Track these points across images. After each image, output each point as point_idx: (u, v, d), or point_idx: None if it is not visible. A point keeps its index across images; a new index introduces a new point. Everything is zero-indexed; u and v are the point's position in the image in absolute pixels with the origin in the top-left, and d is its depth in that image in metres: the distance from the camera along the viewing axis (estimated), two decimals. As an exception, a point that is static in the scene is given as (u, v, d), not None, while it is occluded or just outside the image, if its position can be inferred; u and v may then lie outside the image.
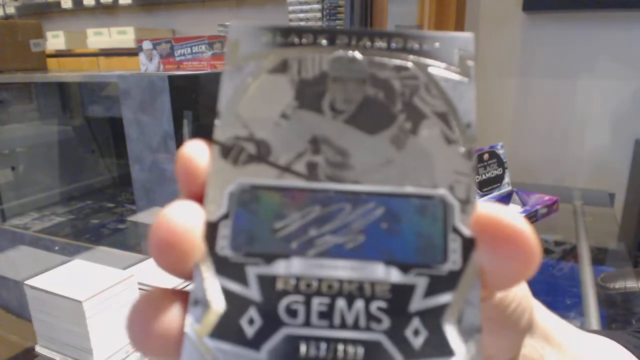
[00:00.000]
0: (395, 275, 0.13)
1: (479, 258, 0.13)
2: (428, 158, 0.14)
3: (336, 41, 0.15)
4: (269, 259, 0.13)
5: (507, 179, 1.27)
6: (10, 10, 3.11)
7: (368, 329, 0.12)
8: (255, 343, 0.12)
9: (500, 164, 1.26)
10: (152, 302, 0.13)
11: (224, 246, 0.13)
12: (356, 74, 0.14)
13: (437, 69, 0.14)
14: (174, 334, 0.12)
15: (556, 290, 0.91)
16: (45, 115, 1.81)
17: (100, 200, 1.86)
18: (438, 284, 0.13)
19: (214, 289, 0.12)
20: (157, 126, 1.23)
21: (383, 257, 0.13)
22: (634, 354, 0.27)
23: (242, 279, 0.13)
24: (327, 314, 0.12)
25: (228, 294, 0.12)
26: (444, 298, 0.13)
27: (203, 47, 1.35)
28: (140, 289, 0.71)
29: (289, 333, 0.12)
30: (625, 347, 0.28)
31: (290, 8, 2.38)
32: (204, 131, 1.34)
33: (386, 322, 0.12)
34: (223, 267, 0.13)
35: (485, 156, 1.23)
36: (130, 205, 1.73)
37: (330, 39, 0.15)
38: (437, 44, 0.15)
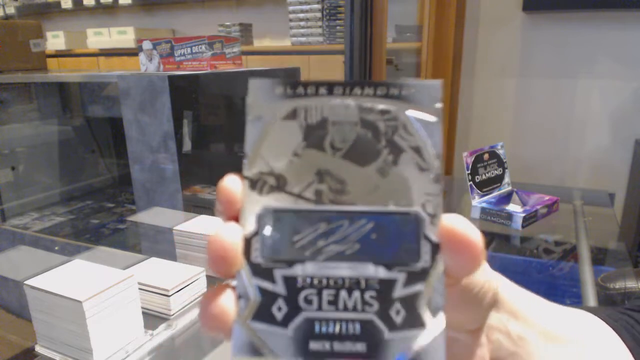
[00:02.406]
0: (382, 272, 0.17)
1: (443, 257, 0.17)
2: (406, 183, 0.18)
3: (334, 91, 0.19)
4: (290, 263, 0.17)
5: (507, 179, 1.27)
6: (10, 10, 3.11)
7: (363, 311, 0.17)
8: (283, 323, 0.17)
9: (500, 164, 1.26)
10: (213, 294, 0.18)
11: (257, 255, 0.18)
12: (350, 117, 0.19)
13: (413, 111, 0.18)
14: (228, 318, 0.17)
15: (556, 290, 0.91)
16: (45, 115, 1.81)
17: (100, 200, 1.86)
18: (413, 277, 0.17)
19: (252, 287, 0.17)
20: (157, 126, 1.23)
21: (373, 259, 0.17)
22: (612, 327, 0.28)
23: (272, 279, 0.17)
24: (333, 302, 0.17)
25: (262, 290, 0.17)
26: (418, 287, 0.17)
27: (203, 47, 1.35)
28: (140, 288, 0.70)
29: (307, 316, 0.17)
30: (605, 321, 0.28)
31: (291, 8, 2.38)
32: (203, 131, 1.34)
33: (376, 306, 0.17)
34: (257, 271, 0.17)
35: (485, 156, 1.23)
36: (130, 205, 1.73)
37: (329, 90, 0.19)
38: (412, 90, 0.18)
